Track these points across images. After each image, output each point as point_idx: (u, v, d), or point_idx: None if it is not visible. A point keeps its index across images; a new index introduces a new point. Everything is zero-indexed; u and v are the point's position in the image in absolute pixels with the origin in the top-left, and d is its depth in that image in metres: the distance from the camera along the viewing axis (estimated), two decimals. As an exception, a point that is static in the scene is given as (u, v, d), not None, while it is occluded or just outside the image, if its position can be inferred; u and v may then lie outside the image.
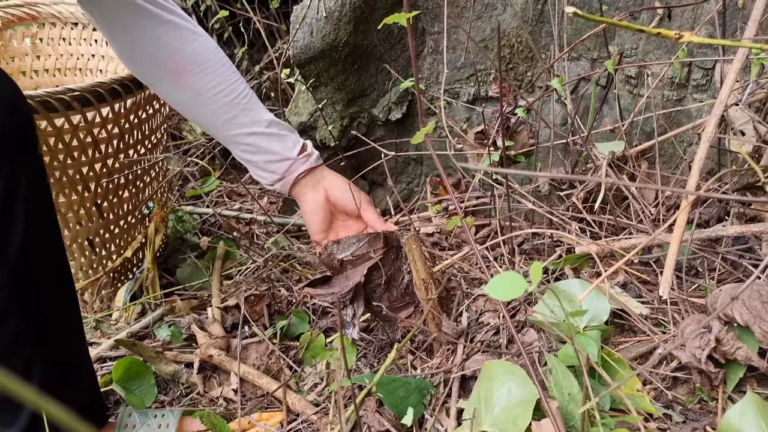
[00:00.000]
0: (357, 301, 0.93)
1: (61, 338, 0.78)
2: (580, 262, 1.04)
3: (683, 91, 1.17)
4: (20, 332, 0.71)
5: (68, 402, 0.79)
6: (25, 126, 0.71)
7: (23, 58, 1.57)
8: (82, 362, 0.83)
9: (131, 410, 0.90)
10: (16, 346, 0.71)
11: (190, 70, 0.83)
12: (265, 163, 0.88)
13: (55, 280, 0.77)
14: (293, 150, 0.89)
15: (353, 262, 0.92)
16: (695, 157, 0.75)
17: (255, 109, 0.87)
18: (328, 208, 0.92)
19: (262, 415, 0.93)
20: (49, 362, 0.75)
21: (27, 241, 0.70)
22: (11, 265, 0.69)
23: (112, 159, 1.14)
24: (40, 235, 0.73)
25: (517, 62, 1.33)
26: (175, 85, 0.85)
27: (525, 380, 0.74)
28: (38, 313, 0.73)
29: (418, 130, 0.80)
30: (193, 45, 0.84)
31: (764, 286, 0.77)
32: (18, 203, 0.68)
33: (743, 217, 1.03)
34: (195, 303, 1.23)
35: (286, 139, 0.89)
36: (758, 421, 0.65)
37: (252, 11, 1.94)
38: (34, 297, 0.73)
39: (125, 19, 0.82)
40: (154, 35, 0.82)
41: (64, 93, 0.98)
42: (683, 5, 1.10)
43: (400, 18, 0.72)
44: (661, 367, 0.83)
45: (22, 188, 0.69)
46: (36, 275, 0.73)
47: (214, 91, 0.84)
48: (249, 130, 0.86)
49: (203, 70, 0.84)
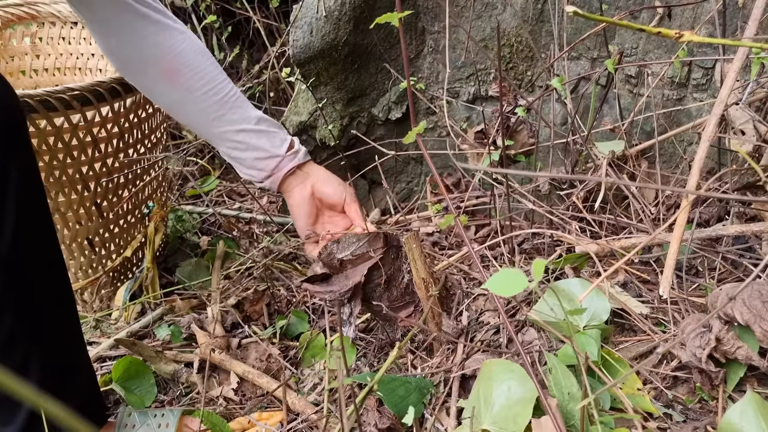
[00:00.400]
0: (354, 300, 0.93)
1: (58, 336, 0.77)
2: (580, 261, 1.04)
3: (683, 90, 1.17)
4: (15, 329, 0.71)
5: (66, 400, 0.78)
6: (15, 120, 0.70)
7: (23, 57, 1.57)
8: (80, 361, 0.82)
9: (131, 410, 0.90)
10: (11, 344, 0.71)
11: (182, 70, 0.84)
12: (254, 160, 0.88)
13: (50, 277, 0.76)
14: (281, 147, 0.89)
15: (353, 261, 0.92)
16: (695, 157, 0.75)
17: (244, 107, 0.88)
18: (314, 202, 0.93)
19: (262, 415, 0.92)
20: (46, 360, 0.74)
21: (19, 236, 0.69)
22: (3, 258, 0.68)
23: (111, 158, 1.14)
24: (33, 231, 0.72)
25: (517, 61, 1.33)
26: (169, 84, 0.85)
27: (524, 378, 0.74)
28: (33, 310, 0.73)
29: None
30: (182, 45, 0.85)
31: (764, 286, 0.77)
32: (9, 196, 0.68)
33: (743, 216, 1.02)
34: (195, 302, 1.23)
35: (274, 136, 0.89)
36: (758, 420, 0.65)
37: (252, 10, 1.94)
38: (28, 293, 0.72)
39: (117, 19, 0.82)
40: (144, 35, 0.83)
41: (64, 92, 0.98)
42: (683, 4, 1.10)
43: (392, 18, 0.72)
44: (661, 367, 0.83)
45: (13, 180, 0.68)
46: (29, 271, 0.72)
47: (204, 90, 0.85)
48: (239, 127, 0.87)
49: (193, 69, 0.85)
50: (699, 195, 0.97)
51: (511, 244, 1.16)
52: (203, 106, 0.86)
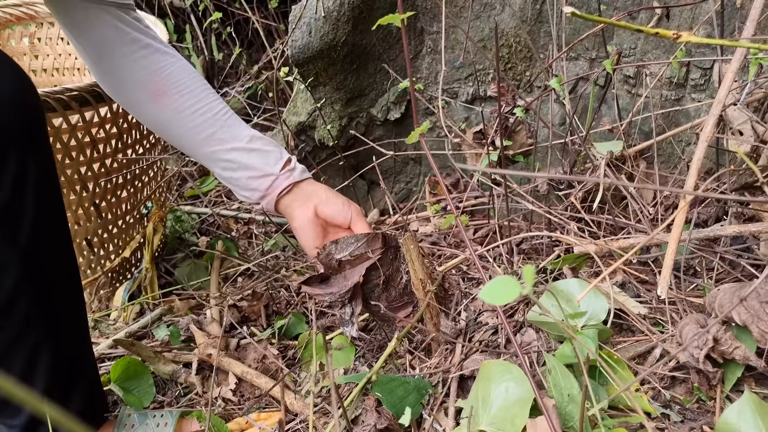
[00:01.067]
0: (355, 300, 0.93)
1: (69, 327, 0.79)
2: (579, 261, 1.04)
3: (681, 90, 1.17)
4: (31, 315, 0.73)
5: (74, 391, 0.80)
6: (35, 117, 0.72)
7: (21, 57, 1.57)
8: (88, 356, 0.84)
9: (130, 410, 0.90)
10: (26, 329, 0.73)
11: (169, 91, 0.85)
12: (247, 179, 0.87)
13: (64, 271, 0.79)
14: (276, 165, 0.87)
15: (351, 262, 0.92)
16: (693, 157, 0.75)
17: (235, 126, 0.87)
18: (319, 223, 0.90)
19: (261, 415, 0.93)
20: (57, 348, 0.77)
21: (38, 227, 0.71)
22: (22, 248, 0.70)
23: (110, 159, 1.14)
24: (50, 224, 0.75)
25: (516, 62, 1.33)
26: (155, 105, 0.86)
27: (523, 379, 0.74)
28: (48, 300, 0.75)
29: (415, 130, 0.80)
30: (171, 68, 0.86)
31: (762, 286, 0.77)
32: (28, 190, 0.70)
33: (741, 216, 1.03)
34: (193, 303, 1.23)
35: (268, 155, 0.87)
36: (756, 420, 0.65)
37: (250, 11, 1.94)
38: (45, 283, 0.74)
39: (107, 43, 0.83)
40: (134, 59, 0.85)
41: (62, 93, 0.98)
42: (681, 5, 1.10)
43: (394, 19, 0.72)
44: (659, 367, 0.83)
45: (32, 175, 0.70)
46: (46, 262, 0.74)
47: (192, 109, 0.85)
48: (229, 145, 0.86)
49: (180, 90, 0.85)
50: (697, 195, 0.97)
51: (510, 244, 1.16)
52: (192, 125, 0.85)
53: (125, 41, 0.84)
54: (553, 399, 0.73)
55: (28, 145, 0.70)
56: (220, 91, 2.02)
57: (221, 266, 1.33)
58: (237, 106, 1.95)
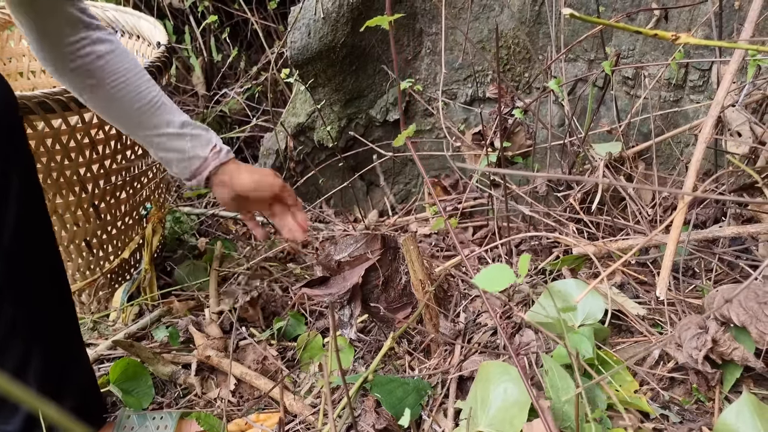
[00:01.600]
0: (354, 302, 0.93)
1: (58, 332, 0.80)
2: (578, 262, 1.04)
3: (680, 92, 1.17)
4: (17, 320, 0.73)
5: (66, 396, 0.80)
6: (13, 123, 0.72)
7: (20, 59, 1.57)
8: (80, 359, 0.84)
9: (130, 412, 0.90)
10: (13, 333, 0.73)
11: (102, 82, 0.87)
12: (177, 161, 0.93)
13: (50, 277, 0.79)
14: (205, 149, 0.93)
15: (351, 263, 0.92)
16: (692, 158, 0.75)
17: (168, 112, 0.92)
18: (240, 199, 0.97)
19: (260, 416, 0.92)
20: (46, 354, 0.77)
21: (20, 236, 0.72)
22: (3, 255, 0.70)
23: (109, 160, 1.14)
24: (32, 232, 0.75)
25: (515, 63, 1.33)
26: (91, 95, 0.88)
27: (521, 380, 0.74)
28: (33, 304, 0.76)
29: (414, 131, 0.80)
30: (108, 56, 0.87)
31: (761, 287, 0.77)
32: (11, 201, 0.70)
33: (740, 217, 1.03)
34: (192, 304, 1.23)
35: (197, 139, 0.93)
36: (754, 421, 0.65)
37: (249, 12, 1.94)
38: (28, 288, 0.75)
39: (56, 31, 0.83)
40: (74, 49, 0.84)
41: (62, 94, 0.98)
42: (680, 7, 1.10)
43: (382, 21, 0.72)
44: (658, 368, 0.83)
45: (14, 188, 0.71)
46: (29, 269, 0.75)
47: (127, 98, 0.89)
48: (160, 131, 0.91)
49: (115, 80, 0.88)
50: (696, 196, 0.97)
51: (509, 245, 1.16)
52: (126, 113, 0.90)
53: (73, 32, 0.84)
54: (549, 400, 0.73)
55: (8, 155, 0.71)
56: (219, 92, 2.02)
57: (220, 267, 1.33)
58: (236, 107, 1.96)
